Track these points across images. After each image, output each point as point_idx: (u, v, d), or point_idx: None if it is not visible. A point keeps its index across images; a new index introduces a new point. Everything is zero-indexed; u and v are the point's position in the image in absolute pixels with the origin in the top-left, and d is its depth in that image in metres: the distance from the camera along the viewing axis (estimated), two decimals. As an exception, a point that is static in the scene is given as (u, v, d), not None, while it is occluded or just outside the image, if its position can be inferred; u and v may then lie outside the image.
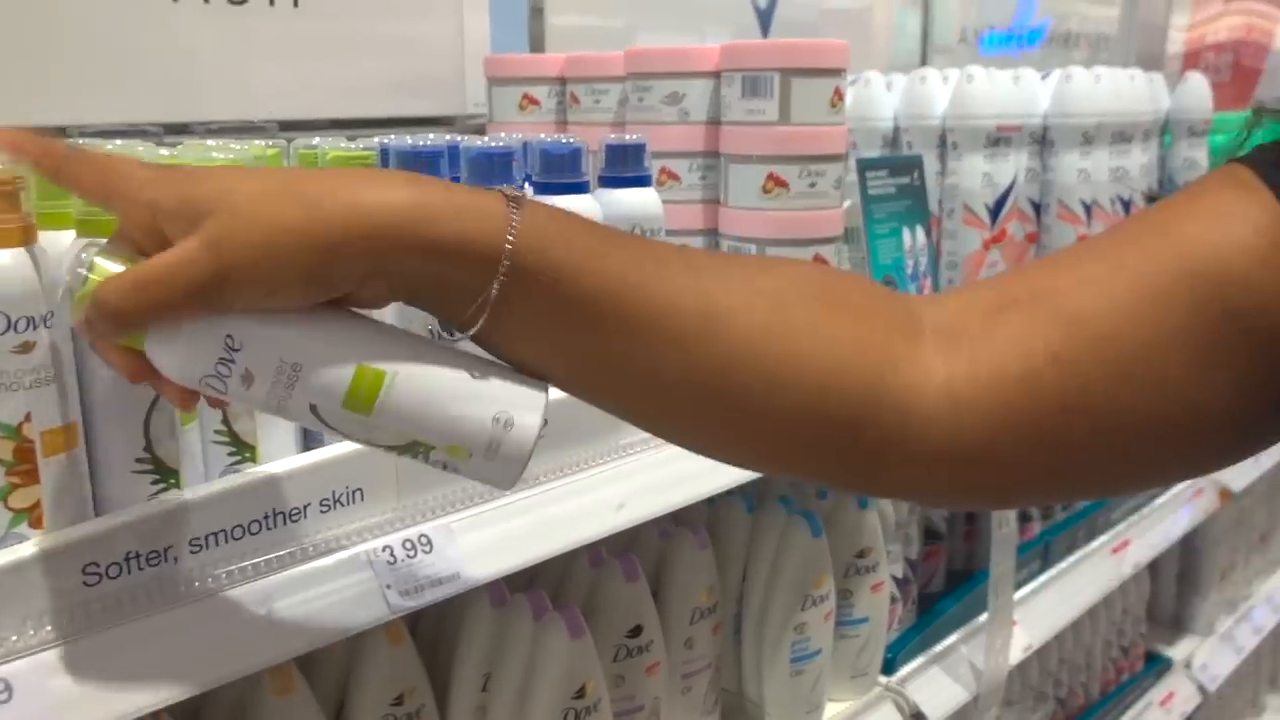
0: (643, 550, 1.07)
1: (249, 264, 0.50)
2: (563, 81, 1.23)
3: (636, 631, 1.00)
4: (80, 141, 0.89)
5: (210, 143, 0.87)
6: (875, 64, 2.03)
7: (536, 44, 1.51)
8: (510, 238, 0.52)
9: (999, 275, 0.63)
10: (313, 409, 0.53)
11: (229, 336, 0.51)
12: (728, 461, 0.63)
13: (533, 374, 0.57)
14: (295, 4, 1.23)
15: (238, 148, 0.79)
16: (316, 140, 0.83)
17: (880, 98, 1.48)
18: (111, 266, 0.51)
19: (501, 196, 0.53)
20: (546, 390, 0.57)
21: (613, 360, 0.55)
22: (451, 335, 0.55)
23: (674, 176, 1.11)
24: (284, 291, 0.51)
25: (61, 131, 1.06)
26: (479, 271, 0.52)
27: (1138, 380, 0.55)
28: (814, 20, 2.20)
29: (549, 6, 1.51)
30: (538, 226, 0.53)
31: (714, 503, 1.15)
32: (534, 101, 1.24)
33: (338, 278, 0.51)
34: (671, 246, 0.59)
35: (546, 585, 1.00)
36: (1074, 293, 0.56)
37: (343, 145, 0.80)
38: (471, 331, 0.54)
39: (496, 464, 0.55)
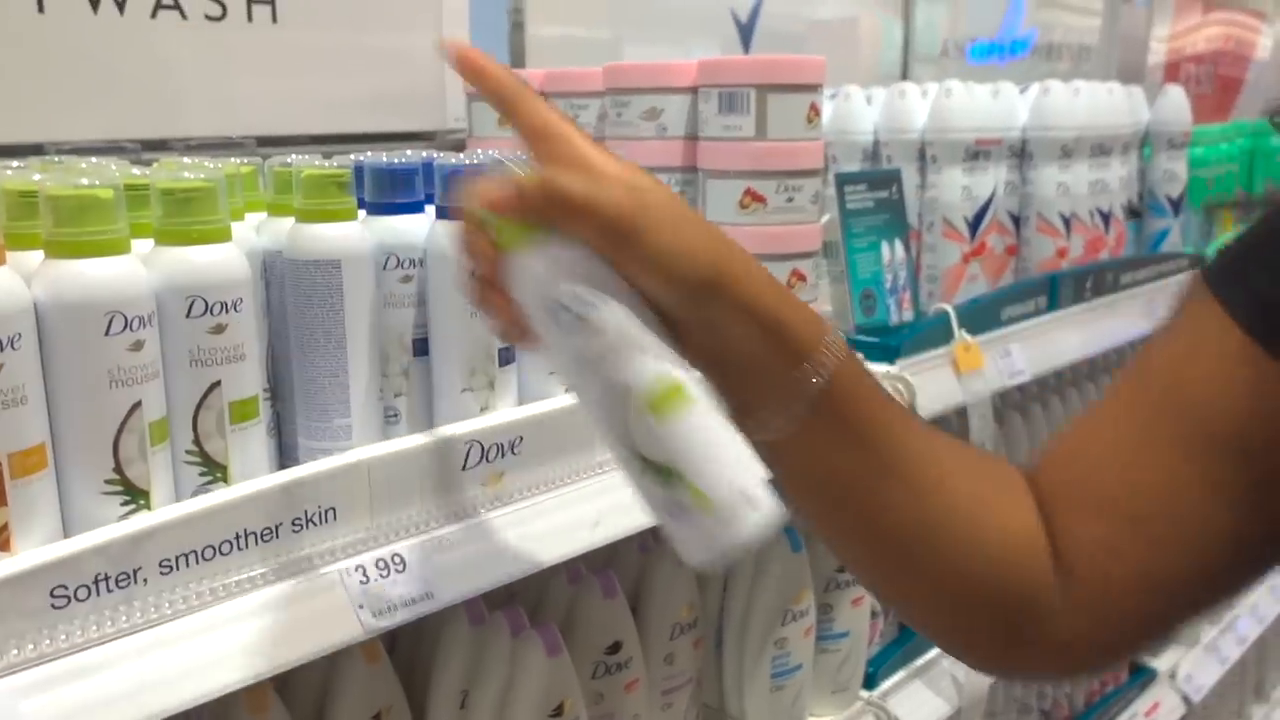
0: (622, 566, 1.06)
1: (662, 235, 0.55)
2: (542, 97, 1.23)
3: (615, 648, 1.00)
4: (56, 159, 0.89)
5: (186, 160, 0.87)
6: (861, 75, 2.04)
7: (517, 57, 1.52)
8: (829, 349, 0.58)
9: (1046, 459, 0.67)
10: (618, 389, 0.55)
11: (602, 287, 0.55)
12: (898, 608, 0.70)
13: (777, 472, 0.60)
14: (274, 18, 1.23)
15: (212, 165, 0.79)
16: (292, 158, 0.83)
17: (860, 111, 1.49)
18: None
19: (816, 313, 0.60)
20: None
21: (855, 484, 0.61)
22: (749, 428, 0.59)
23: (652, 192, 1.11)
24: (667, 279, 0.55)
25: (37, 149, 1.06)
26: (793, 365, 0.58)
27: (1178, 542, 0.59)
28: (799, 32, 2.21)
29: (529, 19, 1.51)
30: (845, 349, 0.59)
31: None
32: (513, 116, 1.24)
33: (709, 301, 0.56)
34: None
35: (525, 602, 0.99)
36: (1094, 479, 0.62)
37: (317, 163, 0.79)
38: (777, 424, 0.58)
39: (714, 532, 0.56)
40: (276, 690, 0.80)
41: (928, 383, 1.18)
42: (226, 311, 0.69)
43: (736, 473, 0.56)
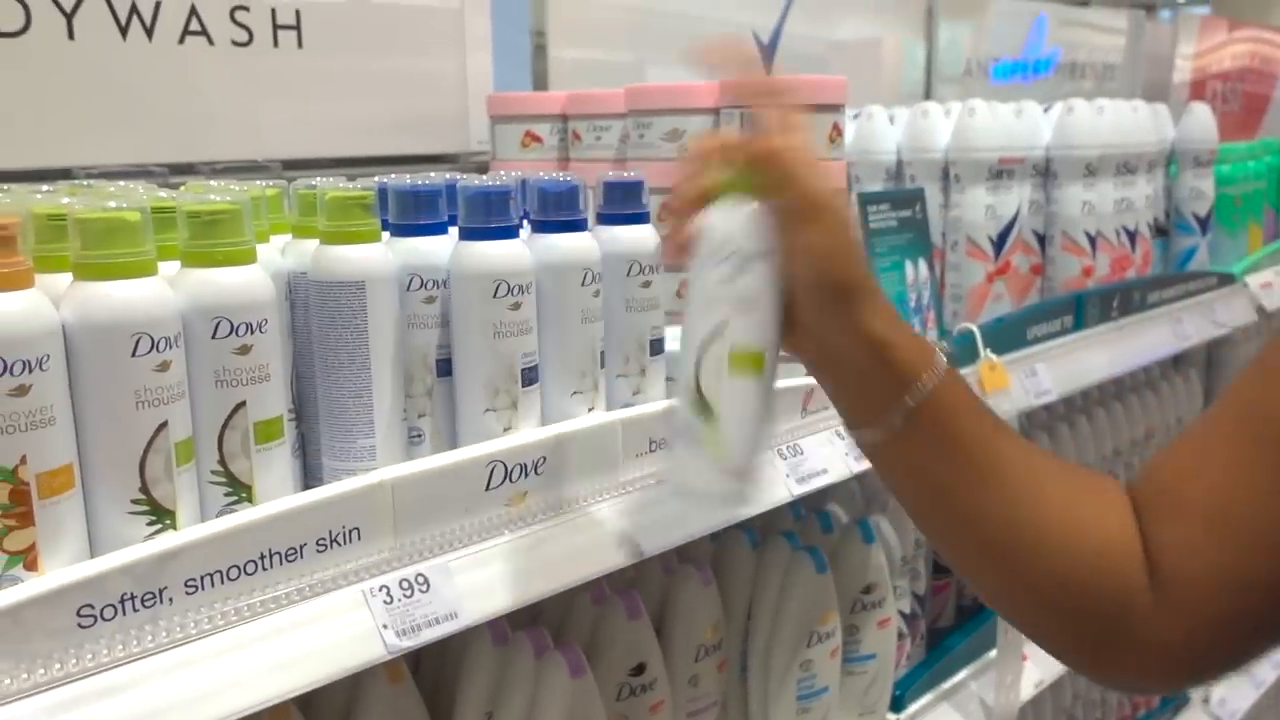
0: (647, 586, 1.06)
1: (835, 228, 0.65)
2: (564, 119, 1.24)
3: (640, 669, 1.00)
4: (85, 183, 0.90)
5: (213, 183, 0.88)
6: (884, 96, 2.04)
7: (540, 81, 1.53)
8: (938, 369, 0.66)
9: (1141, 474, 0.71)
10: (719, 328, 0.66)
11: (758, 254, 0.66)
12: (997, 608, 0.74)
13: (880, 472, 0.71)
14: (299, 44, 1.24)
15: (238, 188, 0.79)
16: (316, 181, 0.83)
17: (883, 131, 1.49)
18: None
19: (925, 341, 0.68)
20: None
21: (952, 491, 0.67)
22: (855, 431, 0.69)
23: (675, 212, 1.11)
24: (821, 267, 0.65)
25: (66, 173, 1.07)
26: (902, 382, 0.66)
27: (1252, 543, 0.62)
28: (821, 53, 2.21)
29: (551, 42, 1.52)
30: (950, 370, 0.67)
31: (718, 539, 1.14)
32: (536, 139, 1.25)
33: (840, 304, 0.65)
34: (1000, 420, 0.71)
35: (549, 623, 0.99)
36: (1178, 486, 0.66)
37: (342, 185, 0.80)
38: (879, 430, 0.67)
39: (704, 472, 0.67)
40: (300, 710, 0.80)
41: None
42: (251, 332, 0.69)
43: (753, 448, 0.67)
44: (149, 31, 1.13)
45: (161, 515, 0.66)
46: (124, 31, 1.12)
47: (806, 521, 1.20)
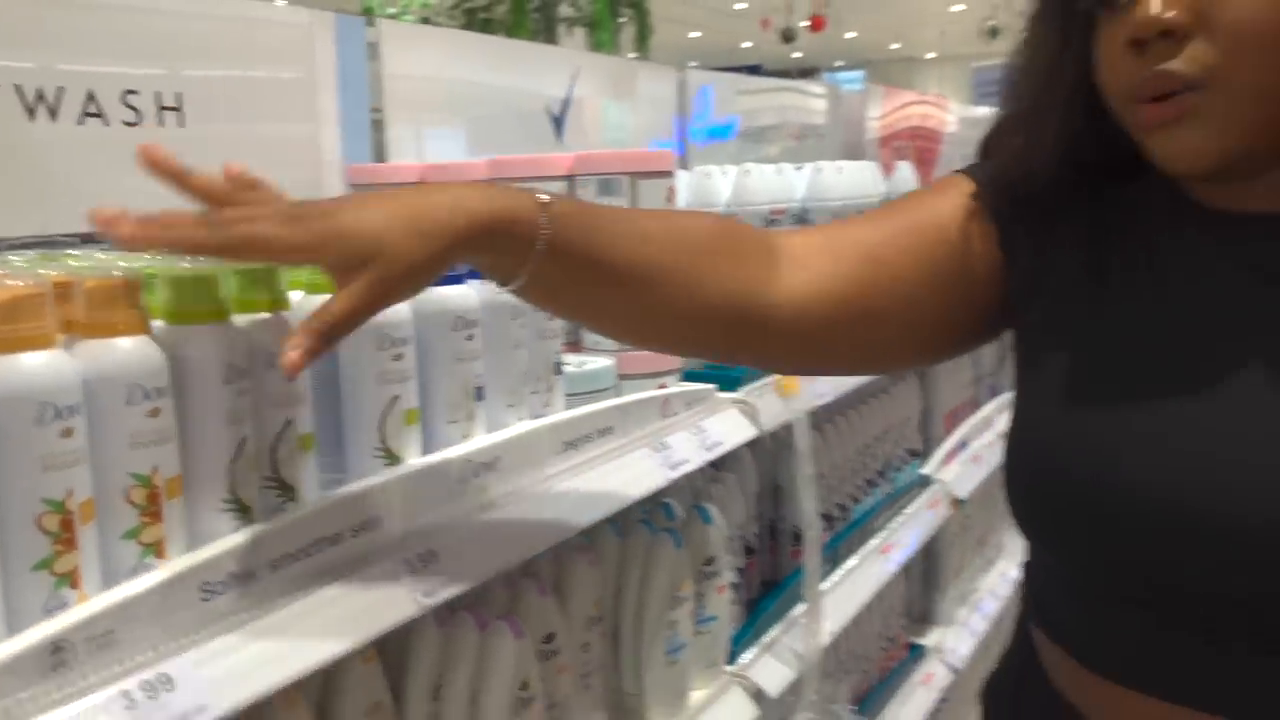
0: (542, 570, 1.27)
1: (390, 264, 0.73)
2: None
3: (550, 638, 1.20)
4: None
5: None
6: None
7: (379, 152, 1.70)
8: (543, 220, 0.77)
9: (816, 229, 0.97)
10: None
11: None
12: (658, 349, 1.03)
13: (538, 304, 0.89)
14: (181, 124, 1.38)
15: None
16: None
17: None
18: None
19: (531, 194, 0.78)
20: None
21: (595, 300, 0.85)
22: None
23: (541, 260, 1.34)
24: (416, 279, 0.75)
25: None
26: (525, 239, 0.76)
27: (904, 286, 0.89)
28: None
29: (388, 118, 1.71)
30: (560, 203, 0.79)
31: (587, 532, 1.36)
32: (402, 202, 1.43)
33: (445, 266, 0.76)
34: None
35: (467, 605, 1.17)
36: (857, 238, 0.92)
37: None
38: (517, 283, 0.79)
39: None
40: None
41: (763, 403, 1.46)
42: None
43: None
44: (53, 114, 1.24)
45: (242, 510, 0.82)
46: (31, 114, 1.22)
47: (653, 512, 1.45)
